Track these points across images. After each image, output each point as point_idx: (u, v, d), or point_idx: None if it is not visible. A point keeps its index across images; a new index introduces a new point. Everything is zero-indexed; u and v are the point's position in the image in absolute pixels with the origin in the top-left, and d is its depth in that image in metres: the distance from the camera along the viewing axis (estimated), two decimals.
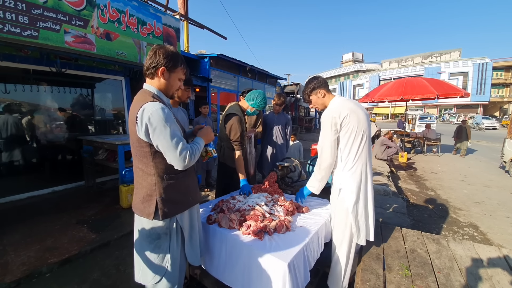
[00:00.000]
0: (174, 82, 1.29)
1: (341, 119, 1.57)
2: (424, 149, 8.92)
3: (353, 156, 1.62)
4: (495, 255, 1.91)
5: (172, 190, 1.28)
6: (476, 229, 3.27)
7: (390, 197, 4.18)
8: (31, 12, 2.66)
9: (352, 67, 50.06)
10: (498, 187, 5.13)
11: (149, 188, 1.25)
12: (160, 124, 1.12)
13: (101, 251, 2.47)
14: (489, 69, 30.21)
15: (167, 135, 1.13)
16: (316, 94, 1.73)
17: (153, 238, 1.28)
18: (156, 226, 1.28)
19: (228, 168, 2.33)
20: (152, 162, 1.22)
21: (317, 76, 1.79)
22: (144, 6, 3.86)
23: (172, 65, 1.23)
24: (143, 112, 1.12)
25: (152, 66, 1.21)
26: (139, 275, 1.33)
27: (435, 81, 7.57)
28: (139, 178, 1.29)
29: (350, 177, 1.63)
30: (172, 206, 1.28)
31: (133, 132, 1.19)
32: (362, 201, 1.66)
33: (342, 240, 1.69)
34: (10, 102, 3.71)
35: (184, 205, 1.36)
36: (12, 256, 2.25)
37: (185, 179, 1.35)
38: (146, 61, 1.24)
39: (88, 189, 4.11)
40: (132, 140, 1.25)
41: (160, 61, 1.20)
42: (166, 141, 1.14)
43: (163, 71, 1.22)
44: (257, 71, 9.97)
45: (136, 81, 4.78)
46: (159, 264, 1.30)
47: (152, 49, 1.23)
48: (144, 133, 1.14)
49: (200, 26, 8.40)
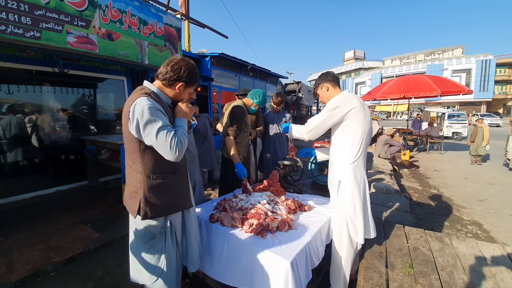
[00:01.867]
0: (184, 95, 1.35)
1: (348, 108, 1.59)
2: (427, 147, 8.87)
3: (356, 150, 1.63)
4: (498, 253, 1.89)
5: (157, 191, 1.25)
6: (479, 227, 3.25)
7: (393, 195, 4.17)
8: (34, 13, 2.67)
9: (354, 65, 49.77)
10: (502, 184, 5.09)
11: (135, 185, 1.24)
12: (149, 119, 1.12)
13: (105, 250, 2.49)
14: (492, 66, 29.87)
15: (156, 129, 1.12)
16: (322, 88, 1.78)
17: (148, 238, 1.28)
18: (151, 226, 1.27)
19: (231, 162, 2.35)
20: (140, 159, 1.22)
21: (328, 72, 1.82)
22: (146, 6, 3.86)
23: (191, 82, 1.32)
24: (135, 107, 1.13)
25: (173, 78, 1.25)
26: (136, 275, 1.33)
27: (438, 78, 7.50)
28: (128, 174, 1.30)
29: (352, 171, 1.64)
30: (154, 207, 1.24)
31: (126, 127, 1.19)
32: (359, 197, 1.66)
33: (342, 238, 1.68)
34: (13, 103, 3.74)
35: (169, 208, 1.30)
36: (17, 255, 2.27)
37: (173, 180, 1.31)
38: (165, 70, 1.25)
39: (91, 189, 4.14)
40: (124, 135, 1.25)
41: (183, 77, 1.26)
42: (156, 135, 1.12)
43: (181, 86, 1.28)
44: (259, 70, 9.95)
45: (138, 81, 4.79)
46: (155, 264, 1.29)
47: (177, 62, 1.26)
48: (135, 128, 1.14)
49: (201, 25, 8.40)
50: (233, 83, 8.65)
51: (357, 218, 1.65)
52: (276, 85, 11.98)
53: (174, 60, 1.28)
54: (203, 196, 2.60)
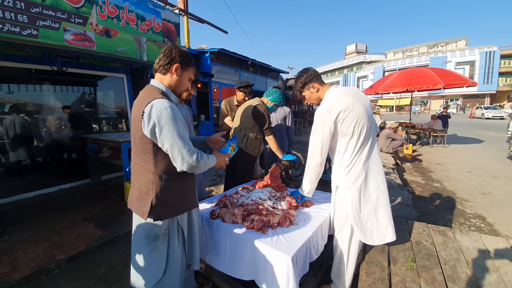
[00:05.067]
0: (184, 81, 1.32)
1: (334, 117, 1.44)
2: (430, 140, 8.79)
3: (349, 154, 1.51)
4: (502, 246, 1.88)
5: (168, 191, 1.24)
6: (483, 220, 3.22)
7: (396, 189, 4.14)
8: (30, 10, 2.65)
9: (355, 59, 49.27)
10: (505, 177, 5.04)
11: (146, 186, 1.22)
12: (168, 123, 1.10)
13: (108, 247, 2.51)
14: (496, 58, 29.41)
15: (174, 134, 1.12)
16: (309, 89, 1.59)
17: (152, 240, 1.25)
18: (155, 227, 1.25)
19: (246, 156, 2.44)
20: (153, 159, 1.19)
21: (307, 69, 1.63)
22: (143, 2, 3.81)
23: (186, 63, 1.28)
24: (151, 108, 1.10)
25: (167, 62, 1.24)
26: (134, 279, 1.31)
27: (441, 71, 7.40)
28: (137, 174, 1.26)
29: (346, 175, 1.53)
30: (166, 208, 1.24)
31: (137, 127, 1.16)
32: (364, 200, 1.54)
33: (342, 236, 1.64)
34: (14, 102, 3.74)
35: (179, 209, 1.30)
36: (21, 253, 2.29)
37: (183, 181, 1.31)
38: (158, 58, 1.26)
39: (93, 187, 4.16)
40: (134, 135, 1.22)
41: (176, 58, 1.24)
42: (173, 141, 1.12)
43: (177, 67, 1.25)
44: (259, 65, 9.88)
45: (138, 78, 4.77)
46: (155, 268, 1.26)
47: (167, 47, 1.27)
48: (149, 131, 1.12)
49: (200, 21, 8.32)
50: (233, 79, 8.60)
51: (363, 222, 1.55)
52: (277, 80, 11.91)
53: (164, 48, 1.29)
54: (205, 193, 2.60)
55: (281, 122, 3.37)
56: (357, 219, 1.54)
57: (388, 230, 1.59)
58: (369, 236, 1.57)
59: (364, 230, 1.56)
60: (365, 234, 1.56)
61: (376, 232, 1.57)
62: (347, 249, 1.64)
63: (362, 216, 1.55)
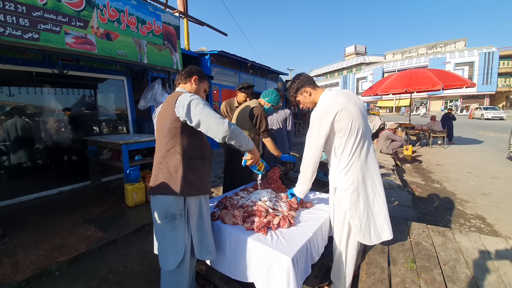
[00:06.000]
0: (200, 91, 1.64)
1: (330, 119, 1.47)
2: (430, 141, 8.80)
3: (347, 155, 1.53)
4: (502, 246, 1.89)
5: (192, 171, 1.45)
6: (483, 221, 3.23)
7: (395, 190, 4.15)
8: (31, 14, 2.66)
9: (355, 60, 49.40)
10: (505, 178, 5.04)
11: (174, 166, 1.43)
12: (199, 102, 1.35)
13: (109, 249, 2.51)
14: (495, 58, 29.48)
15: (206, 108, 1.35)
16: (302, 94, 1.65)
17: (170, 219, 1.40)
18: (171, 206, 1.41)
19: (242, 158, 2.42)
20: (180, 142, 1.42)
21: (299, 74, 1.69)
22: (143, 5, 3.83)
23: (202, 76, 1.65)
24: (183, 96, 1.37)
25: (188, 75, 1.60)
26: (160, 261, 1.45)
27: (440, 72, 7.43)
28: (163, 159, 1.44)
29: (344, 177, 1.55)
30: (190, 186, 1.43)
31: (169, 114, 1.40)
32: (362, 201, 1.55)
33: (341, 237, 1.64)
34: (15, 105, 3.75)
35: (199, 189, 1.49)
36: (22, 255, 2.30)
37: (203, 165, 1.53)
38: (180, 74, 1.63)
39: (94, 189, 4.17)
40: (163, 123, 1.44)
41: (194, 72, 1.61)
42: (206, 112, 1.33)
43: (195, 78, 1.60)
44: (259, 67, 9.91)
45: (138, 80, 4.79)
46: (178, 247, 1.41)
47: (187, 68, 1.64)
48: (184, 111, 1.33)
49: (200, 23, 8.35)
50: (233, 81, 8.63)
51: (361, 222, 1.56)
52: (276, 82, 11.94)
53: (185, 68, 1.66)
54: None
55: (282, 124, 3.39)
56: (355, 220, 1.56)
57: (384, 228, 1.61)
58: (367, 236, 1.58)
59: (362, 230, 1.57)
60: (364, 234, 1.57)
61: (374, 231, 1.59)
62: (345, 250, 1.64)
63: (360, 216, 1.56)
